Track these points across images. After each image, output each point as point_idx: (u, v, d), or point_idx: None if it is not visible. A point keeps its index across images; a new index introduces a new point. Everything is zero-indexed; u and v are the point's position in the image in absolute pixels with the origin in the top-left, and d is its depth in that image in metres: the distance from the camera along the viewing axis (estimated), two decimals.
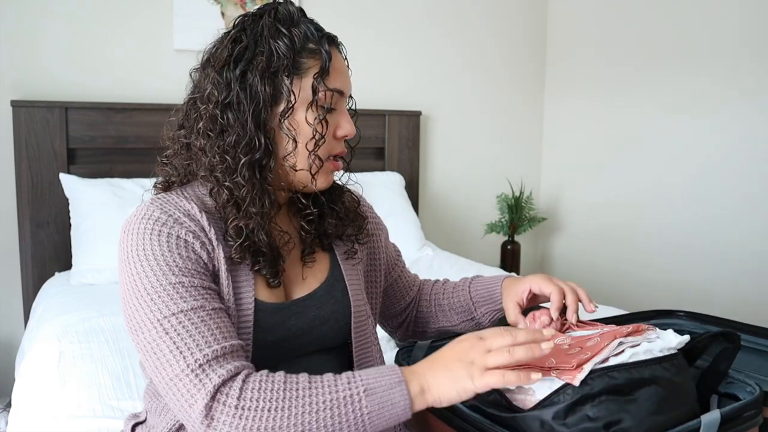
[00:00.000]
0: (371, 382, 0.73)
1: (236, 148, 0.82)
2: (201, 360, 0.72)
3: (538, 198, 3.51)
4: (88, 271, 2.08)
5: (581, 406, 0.76)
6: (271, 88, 0.83)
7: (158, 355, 0.74)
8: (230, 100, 0.83)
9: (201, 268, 0.80)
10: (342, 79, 0.88)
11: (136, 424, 0.96)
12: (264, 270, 0.85)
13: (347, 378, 0.74)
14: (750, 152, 2.51)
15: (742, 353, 1.11)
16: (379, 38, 2.95)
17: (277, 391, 0.71)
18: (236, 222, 0.82)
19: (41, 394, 1.34)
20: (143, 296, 0.76)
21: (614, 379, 0.77)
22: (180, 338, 0.74)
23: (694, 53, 2.69)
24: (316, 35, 0.87)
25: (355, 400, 0.72)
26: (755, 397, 0.83)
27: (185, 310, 0.75)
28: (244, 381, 0.72)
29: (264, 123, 0.84)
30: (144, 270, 0.77)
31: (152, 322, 0.75)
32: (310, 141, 0.85)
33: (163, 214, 0.81)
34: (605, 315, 1.46)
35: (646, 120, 2.93)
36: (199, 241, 0.81)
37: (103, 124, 2.31)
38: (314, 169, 0.86)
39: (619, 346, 0.83)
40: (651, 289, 2.93)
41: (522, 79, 3.41)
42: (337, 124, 0.89)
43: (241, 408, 0.70)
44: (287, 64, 0.83)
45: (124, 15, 2.43)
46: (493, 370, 0.73)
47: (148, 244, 0.79)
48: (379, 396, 0.72)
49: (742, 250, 2.56)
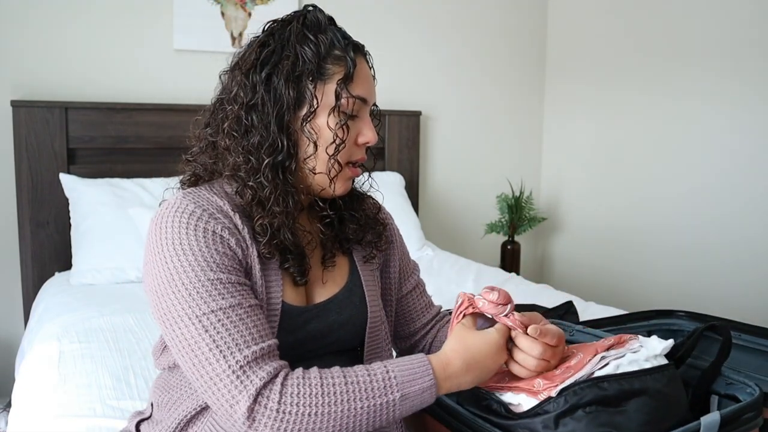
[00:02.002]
0: (407, 387, 0.77)
1: (260, 149, 0.85)
2: (242, 361, 0.74)
3: (538, 198, 3.51)
4: (88, 271, 2.08)
5: (571, 416, 0.76)
6: (295, 92, 0.85)
7: (197, 353, 0.75)
8: (255, 102, 0.85)
9: (237, 265, 0.81)
10: (366, 87, 0.90)
11: (141, 420, 0.97)
12: (292, 268, 0.87)
13: (383, 380, 0.77)
14: (750, 152, 2.51)
15: (742, 353, 1.12)
16: (380, 38, 2.95)
17: (316, 395, 0.74)
18: (261, 220, 0.84)
19: (41, 394, 1.34)
20: (181, 291, 0.77)
21: (604, 390, 0.77)
22: (220, 337, 0.75)
23: (694, 53, 2.69)
24: (342, 42, 0.88)
25: (390, 407, 0.76)
26: (755, 399, 0.83)
27: (224, 307, 0.76)
28: (282, 384, 0.74)
29: (287, 126, 0.86)
30: (182, 264, 0.78)
31: (190, 318, 0.76)
32: (331, 145, 0.87)
33: (197, 209, 0.82)
34: (605, 315, 1.46)
35: (645, 120, 2.93)
36: (235, 237, 0.82)
37: (103, 124, 2.31)
38: (333, 173, 0.87)
39: (602, 360, 0.83)
40: (651, 289, 2.93)
41: (522, 79, 3.41)
42: (359, 130, 0.90)
43: (282, 412, 0.72)
44: (312, 69, 0.85)
45: (124, 15, 2.43)
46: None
47: (185, 237, 0.79)
48: (411, 400, 0.78)
49: (742, 250, 2.56)
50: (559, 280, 3.40)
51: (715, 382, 0.94)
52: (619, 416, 0.76)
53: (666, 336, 1.20)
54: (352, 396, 0.75)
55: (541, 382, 0.82)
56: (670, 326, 1.23)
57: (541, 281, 3.18)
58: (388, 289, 1.06)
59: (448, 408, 0.90)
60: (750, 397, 0.86)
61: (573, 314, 1.73)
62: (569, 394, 0.76)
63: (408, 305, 1.10)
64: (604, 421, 0.75)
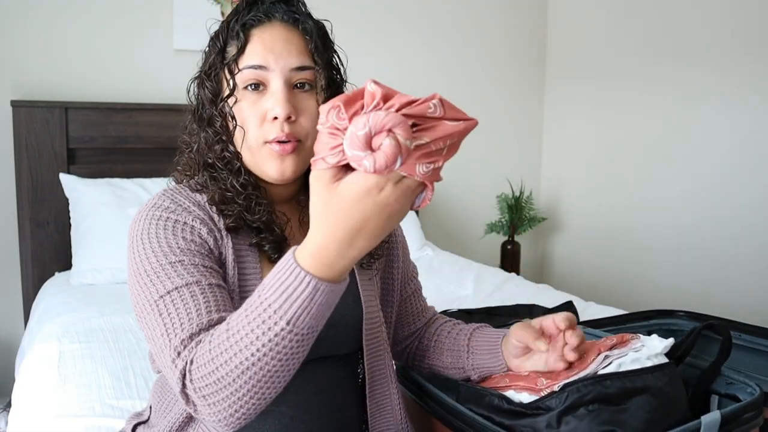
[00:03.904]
0: (287, 309, 0.62)
1: (207, 143, 0.87)
2: (179, 346, 0.69)
3: (538, 198, 3.51)
4: (88, 271, 2.08)
5: (573, 414, 0.76)
6: (214, 82, 0.87)
7: (155, 340, 0.73)
8: (197, 101, 0.89)
9: (205, 251, 0.80)
10: (262, 54, 0.83)
11: (138, 423, 0.95)
12: (266, 244, 0.84)
13: (259, 313, 0.64)
14: (750, 152, 2.51)
15: (742, 353, 1.12)
16: (380, 38, 2.95)
17: (212, 364, 0.65)
18: (217, 193, 0.85)
19: (41, 394, 1.34)
20: (143, 278, 0.76)
21: (606, 388, 0.77)
22: (170, 319, 0.72)
23: (694, 53, 2.69)
24: (240, 16, 0.86)
25: (286, 341, 0.63)
26: (755, 398, 0.83)
27: (179, 286, 0.74)
28: (193, 361, 0.68)
29: (214, 117, 0.87)
30: (146, 252, 0.77)
31: (150, 303, 0.74)
32: (240, 128, 0.85)
33: (172, 203, 0.82)
34: (605, 315, 1.46)
35: (645, 120, 2.93)
36: (207, 227, 0.81)
37: (103, 124, 2.31)
38: (254, 154, 0.85)
39: (605, 360, 0.83)
40: (651, 289, 2.93)
41: (522, 79, 3.41)
42: (266, 105, 0.83)
43: (202, 395, 0.66)
44: (221, 57, 0.86)
45: (124, 15, 2.43)
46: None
47: (153, 229, 0.79)
48: (303, 318, 0.63)
49: (742, 250, 2.56)
50: (559, 280, 3.40)
51: (716, 381, 0.94)
52: (621, 414, 0.76)
53: (666, 336, 1.20)
54: (237, 348, 0.64)
55: (543, 380, 0.82)
56: (670, 326, 1.23)
57: (541, 281, 3.18)
58: (390, 292, 1.04)
59: (449, 407, 0.90)
60: (750, 396, 0.86)
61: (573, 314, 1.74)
62: (572, 391, 0.77)
63: (406, 309, 1.08)
64: (607, 419, 0.75)
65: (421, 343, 1.08)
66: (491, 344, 0.96)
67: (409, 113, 0.55)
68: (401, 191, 0.58)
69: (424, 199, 0.60)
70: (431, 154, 0.57)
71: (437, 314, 1.13)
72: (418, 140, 0.56)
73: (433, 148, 0.56)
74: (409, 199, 0.60)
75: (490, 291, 2.16)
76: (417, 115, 0.56)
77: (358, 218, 0.59)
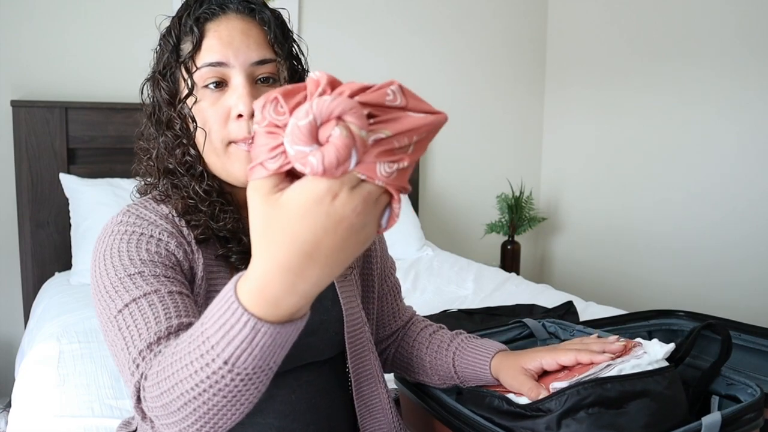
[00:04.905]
0: (223, 346, 0.52)
1: (167, 148, 0.83)
2: (135, 355, 0.65)
3: (538, 198, 3.51)
4: (88, 271, 2.07)
5: (573, 417, 0.76)
6: (170, 82, 0.82)
7: (117, 356, 0.68)
8: (153, 103, 0.84)
9: (170, 262, 0.75)
10: (219, 50, 0.78)
11: None
12: (232, 256, 0.80)
13: (198, 345, 0.54)
14: (750, 153, 2.51)
15: (742, 353, 1.11)
16: (380, 38, 2.95)
17: (158, 387, 0.59)
18: (180, 202, 0.81)
19: (41, 394, 1.34)
20: (103, 295, 0.72)
21: (607, 391, 0.77)
22: (129, 332, 0.67)
23: (694, 54, 2.69)
24: (191, 11, 0.81)
25: (224, 381, 0.53)
26: (756, 399, 0.83)
27: (137, 297, 0.69)
28: (146, 380, 0.62)
29: (173, 120, 0.82)
30: (106, 268, 0.73)
31: (110, 320, 0.70)
32: (201, 129, 0.81)
33: (137, 219, 0.78)
34: (605, 315, 1.46)
35: (645, 120, 2.93)
36: (176, 240, 0.78)
37: (103, 124, 2.31)
38: (219, 157, 0.80)
39: (607, 368, 0.83)
40: (651, 289, 2.93)
41: (522, 80, 3.41)
42: (229, 102, 0.79)
43: (156, 417, 0.60)
44: (175, 54, 0.81)
45: (124, 15, 2.43)
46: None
47: (116, 244, 0.75)
48: (244, 360, 0.52)
49: (742, 250, 2.56)
50: (559, 280, 3.40)
51: (716, 382, 0.94)
52: (621, 418, 0.76)
53: (666, 336, 1.21)
54: (178, 378, 0.56)
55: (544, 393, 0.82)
56: (670, 326, 1.23)
57: (541, 281, 3.18)
58: (370, 288, 0.99)
59: (450, 408, 0.90)
60: (751, 397, 0.86)
61: (573, 314, 1.74)
62: (572, 394, 0.77)
63: (382, 309, 1.02)
64: (606, 423, 0.75)
65: (401, 355, 1.03)
66: (478, 369, 0.93)
67: (364, 101, 0.44)
68: (361, 198, 0.44)
69: (391, 216, 0.47)
70: (394, 152, 0.44)
71: (414, 319, 1.07)
72: (377, 133, 0.44)
73: (395, 145, 0.45)
74: (371, 211, 0.45)
75: (490, 291, 2.16)
76: (373, 104, 0.44)
77: (307, 238, 0.44)
